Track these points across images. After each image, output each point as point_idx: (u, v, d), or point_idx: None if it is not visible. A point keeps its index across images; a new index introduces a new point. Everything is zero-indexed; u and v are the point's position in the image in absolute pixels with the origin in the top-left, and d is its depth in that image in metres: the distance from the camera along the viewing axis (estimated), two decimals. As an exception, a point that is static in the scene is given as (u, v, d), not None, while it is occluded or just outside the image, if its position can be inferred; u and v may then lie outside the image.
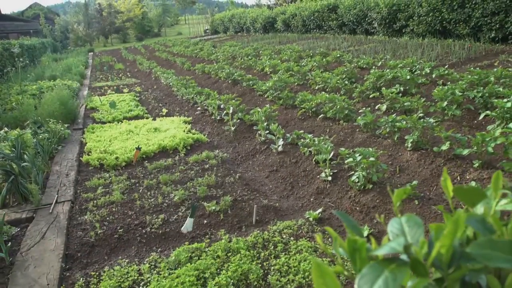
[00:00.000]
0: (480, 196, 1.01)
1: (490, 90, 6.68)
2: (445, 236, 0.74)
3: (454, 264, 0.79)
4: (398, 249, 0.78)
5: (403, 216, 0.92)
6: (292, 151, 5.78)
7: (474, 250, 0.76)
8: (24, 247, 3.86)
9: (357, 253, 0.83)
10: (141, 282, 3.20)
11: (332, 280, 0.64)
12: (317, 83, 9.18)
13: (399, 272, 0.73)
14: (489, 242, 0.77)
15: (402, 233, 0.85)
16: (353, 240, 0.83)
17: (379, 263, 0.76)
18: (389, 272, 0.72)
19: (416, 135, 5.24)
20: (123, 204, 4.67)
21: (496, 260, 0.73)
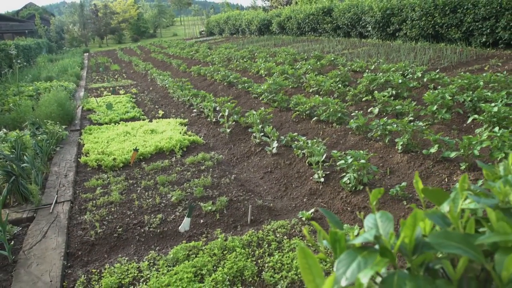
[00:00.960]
0: (444, 196, 1.17)
1: (479, 94, 6.88)
2: (406, 228, 0.90)
3: (418, 252, 0.95)
4: (370, 239, 0.94)
5: (378, 212, 1.08)
6: (286, 153, 5.94)
7: (432, 240, 0.92)
8: (26, 246, 3.99)
9: (337, 243, 0.98)
10: (141, 279, 3.34)
11: (313, 261, 0.79)
12: (311, 86, 9.35)
13: (369, 257, 0.88)
14: (444, 233, 0.92)
15: (375, 227, 1.01)
16: (334, 232, 0.99)
17: (354, 250, 0.91)
18: (361, 257, 0.88)
19: (406, 138, 5.42)
20: (122, 204, 4.81)
21: (449, 247, 0.89)
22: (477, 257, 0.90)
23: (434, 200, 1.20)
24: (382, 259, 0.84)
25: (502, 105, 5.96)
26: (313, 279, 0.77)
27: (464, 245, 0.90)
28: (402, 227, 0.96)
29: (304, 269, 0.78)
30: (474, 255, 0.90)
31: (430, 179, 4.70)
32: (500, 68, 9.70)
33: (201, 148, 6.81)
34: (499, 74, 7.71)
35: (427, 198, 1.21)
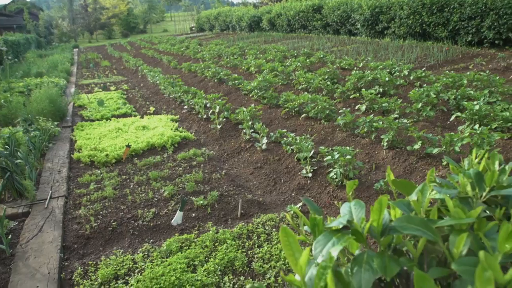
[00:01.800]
0: (411, 188, 1.34)
1: (462, 93, 7.10)
2: (373, 213, 1.06)
3: (385, 234, 1.11)
4: (344, 223, 1.10)
5: (353, 201, 1.24)
6: (276, 149, 6.10)
7: (396, 223, 1.08)
8: (23, 240, 4.11)
9: (316, 227, 1.14)
10: (136, 269, 3.49)
11: (293, 238, 0.94)
12: (301, 83, 9.51)
13: (342, 238, 1.04)
14: (406, 217, 1.09)
15: (349, 213, 1.17)
16: (314, 218, 1.15)
17: (330, 232, 1.07)
18: (335, 238, 1.04)
19: (392, 134, 5.61)
20: (115, 199, 4.93)
21: (410, 229, 1.05)
22: (433, 237, 1.06)
23: (403, 191, 1.37)
24: (350, 237, 1.00)
25: (483, 104, 6.18)
26: (293, 253, 0.92)
27: (423, 227, 1.07)
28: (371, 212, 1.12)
29: (285, 246, 0.93)
30: (431, 236, 1.06)
31: (414, 174, 4.89)
32: (484, 66, 9.94)
33: (192, 144, 6.95)
34: (482, 73, 7.93)
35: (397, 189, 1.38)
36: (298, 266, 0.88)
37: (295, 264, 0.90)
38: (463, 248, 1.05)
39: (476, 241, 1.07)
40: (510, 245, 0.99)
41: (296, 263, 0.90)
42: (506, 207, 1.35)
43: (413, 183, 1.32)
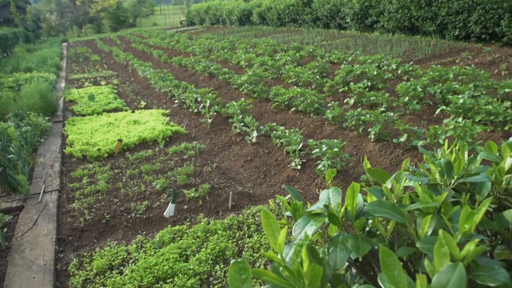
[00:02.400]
0: (386, 176, 1.46)
1: (448, 87, 7.26)
2: (348, 198, 1.18)
3: (359, 217, 1.23)
4: (321, 207, 1.22)
5: (331, 188, 1.36)
6: (265, 142, 6.22)
7: (369, 207, 1.20)
8: (18, 233, 4.19)
9: (297, 212, 1.26)
10: (130, 260, 3.60)
11: (273, 220, 1.06)
12: (290, 77, 9.62)
13: (320, 222, 1.16)
14: (378, 202, 1.21)
15: (327, 199, 1.29)
16: (294, 203, 1.27)
17: (308, 216, 1.19)
18: (313, 221, 1.16)
19: (378, 127, 5.75)
20: (108, 192, 5.02)
21: (380, 212, 1.17)
22: (402, 219, 1.18)
23: (378, 179, 1.49)
24: (323, 218, 1.12)
25: (468, 97, 6.33)
26: (273, 233, 1.04)
27: (392, 211, 1.19)
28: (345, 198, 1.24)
29: (266, 226, 1.05)
30: (400, 218, 1.18)
31: (400, 166, 5.04)
32: (471, 61, 10.13)
33: (183, 138, 7.04)
34: (467, 67, 8.10)
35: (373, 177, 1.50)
36: (277, 244, 1.00)
37: (275, 243, 1.02)
38: (428, 229, 1.17)
39: (440, 223, 1.20)
40: (469, 226, 1.11)
41: (275, 242, 1.01)
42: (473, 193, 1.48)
43: (386, 173, 1.44)
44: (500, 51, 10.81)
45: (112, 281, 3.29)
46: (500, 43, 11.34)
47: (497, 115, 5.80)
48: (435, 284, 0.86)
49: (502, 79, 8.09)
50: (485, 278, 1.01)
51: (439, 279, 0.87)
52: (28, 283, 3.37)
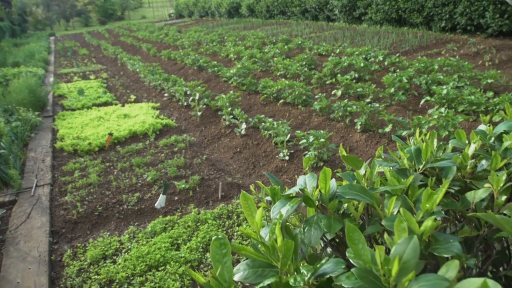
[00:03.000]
0: (359, 162, 1.58)
1: (433, 78, 7.42)
2: (321, 182, 1.30)
3: (332, 199, 1.35)
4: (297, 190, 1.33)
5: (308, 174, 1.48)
6: (254, 134, 6.34)
7: (340, 190, 1.32)
8: (12, 226, 4.27)
9: (275, 195, 1.38)
10: (123, 250, 3.71)
11: (251, 201, 1.17)
12: (279, 70, 9.73)
13: (295, 203, 1.28)
14: (349, 185, 1.33)
15: (304, 183, 1.41)
16: (273, 188, 1.39)
17: (285, 198, 1.31)
18: (289, 203, 1.27)
19: (364, 118, 5.89)
20: (100, 185, 5.11)
21: (351, 195, 1.29)
22: (370, 200, 1.31)
23: (352, 165, 1.61)
24: (298, 200, 1.24)
25: (451, 88, 6.49)
26: (251, 213, 1.15)
27: (361, 193, 1.31)
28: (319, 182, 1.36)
29: (245, 207, 1.16)
30: (368, 199, 1.31)
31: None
32: (456, 52, 10.29)
33: (173, 131, 7.12)
34: (452, 58, 8.25)
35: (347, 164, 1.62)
36: (254, 223, 1.11)
37: (253, 222, 1.13)
38: (394, 209, 1.29)
39: (405, 203, 1.32)
40: (430, 205, 1.24)
41: (253, 221, 1.13)
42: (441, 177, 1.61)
43: (360, 159, 1.56)
44: (484, 42, 10.99)
45: (106, 270, 3.40)
46: (485, 35, 11.52)
47: (479, 105, 5.97)
48: (393, 254, 0.98)
49: (486, 70, 8.26)
50: (442, 251, 1.13)
51: (397, 250, 0.99)
52: (24, 274, 3.46)
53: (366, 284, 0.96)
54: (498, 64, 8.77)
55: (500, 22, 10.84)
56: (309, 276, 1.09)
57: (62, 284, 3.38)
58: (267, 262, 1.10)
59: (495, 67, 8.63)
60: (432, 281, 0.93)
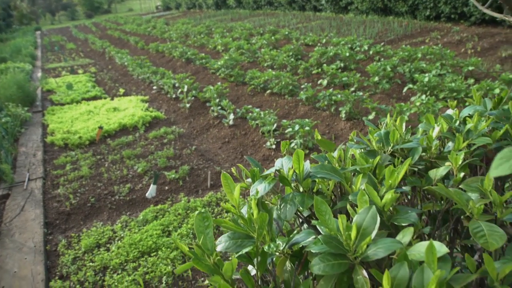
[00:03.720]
0: (332, 145, 1.72)
1: (416, 66, 7.59)
2: (294, 162, 1.43)
3: (306, 178, 1.49)
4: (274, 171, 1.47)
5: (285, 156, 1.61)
6: (242, 124, 6.47)
7: (312, 170, 1.46)
8: (7, 219, 4.37)
9: (255, 176, 1.51)
10: (116, 238, 3.83)
11: (230, 180, 1.31)
12: (266, 61, 9.84)
13: (272, 181, 1.41)
14: (321, 166, 1.47)
15: (281, 165, 1.54)
16: (253, 169, 1.52)
17: (263, 178, 1.44)
18: (266, 182, 1.41)
19: (349, 107, 6.04)
20: (92, 177, 5.22)
21: (321, 174, 1.43)
22: (339, 178, 1.45)
23: (326, 148, 1.75)
24: (274, 179, 1.38)
25: (433, 76, 6.67)
26: (231, 191, 1.29)
27: (331, 172, 1.45)
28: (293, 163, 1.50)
29: (225, 185, 1.30)
30: (338, 177, 1.45)
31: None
32: (440, 40, 10.48)
33: (162, 123, 7.22)
34: (435, 46, 8.43)
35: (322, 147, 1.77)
36: (233, 199, 1.25)
37: (232, 198, 1.27)
38: (361, 186, 1.44)
39: (371, 180, 1.47)
40: (392, 181, 1.38)
41: (232, 197, 1.27)
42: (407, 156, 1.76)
43: (333, 143, 1.71)
44: (468, 30, 11.19)
45: (100, 257, 3.53)
46: (468, 23, 11.72)
47: (460, 92, 6.15)
48: (354, 222, 1.13)
49: (468, 58, 8.45)
50: (400, 220, 1.28)
51: (357, 218, 1.13)
52: (20, 264, 3.58)
53: (330, 249, 1.10)
54: (480, 52, 8.97)
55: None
56: (283, 246, 1.24)
57: (58, 272, 3.50)
58: (245, 234, 1.24)
59: (477, 54, 8.83)
60: (388, 244, 1.08)
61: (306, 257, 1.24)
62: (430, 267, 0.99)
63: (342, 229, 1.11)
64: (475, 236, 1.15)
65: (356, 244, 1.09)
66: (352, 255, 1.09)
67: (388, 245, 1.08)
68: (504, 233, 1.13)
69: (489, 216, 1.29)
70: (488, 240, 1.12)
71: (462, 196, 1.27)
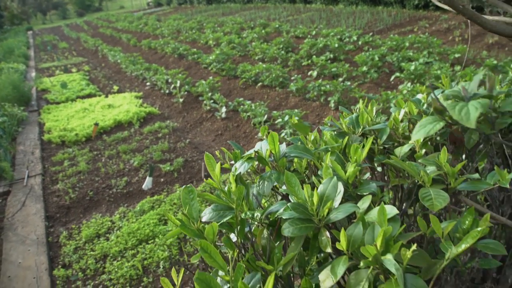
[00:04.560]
0: (307, 129, 1.90)
1: (403, 55, 7.76)
2: (270, 143, 1.61)
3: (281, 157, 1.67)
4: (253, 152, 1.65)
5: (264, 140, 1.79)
6: (234, 117, 6.64)
7: (287, 150, 1.64)
8: (9, 214, 4.54)
9: (237, 158, 1.69)
10: (114, 228, 4.01)
11: (212, 159, 1.49)
12: (257, 54, 9.99)
13: (250, 161, 1.59)
14: (294, 146, 1.64)
15: (260, 147, 1.72)
16: (235, 152, 1.70)
17: (244, 159, 1.62)
18: (246, 161, 1.59)
19: (337, 96, 6.22)
20: (90, 172, 5.39)
21: (295, 153, 1.61)
22: (311, 157, 1.63)
23: (301, 131, 1.93)
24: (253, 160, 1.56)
25: (419, 64, 6.85)
26: (213, 168, 1.47)
27: (304, 152, 1.63)
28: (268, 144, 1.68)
29: (208, 164, 1.48)
30: (309, 156, 1.63)
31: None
32: (428, 29, 10.65)
33: (157, 118, 7.38)
34: (422, 35, 8.62)
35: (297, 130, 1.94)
36: (215, 175, 1.43)
37: (214, 174, 1.44)
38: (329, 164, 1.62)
39: (339, 157, 1.65)
40: (356, 157, 1.56)
41: (214, 174, 1.44)
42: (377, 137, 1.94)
43: (307, 126, 1.89)
44: (456, 18, 11.36)
45: (100, 246, 3.71)
46: (455, 10, 11.88)
47: (444, 79, 6.33)
48: (319, 190, 1.31)
49: (456, 45, 8.63)
50: (362, 190, 1.46)
51: (321, 187, 1.31)
52: (24, 255, 3.76)
53: (298, 214, 1.28)
54: (467, 39, 9.15)
55: (469, -3, 11.18)
56: (260, 215, 1.42)
57: (60, 261, 3.68)
58: (227, 205, 1.42)
59: (465, 42, 9.01)
60: (346, 208, 1.26)
61: (279, 224, 1.42)
62: (380, 225, 1.17)
63: (307, 197, 1.29)
64: (423, 200, 1.33)
65: (319, 210, 1.27)
66: (317, 219, 1.27)
67: (346, 209, 1.26)
68: (448, 196, 1.31)
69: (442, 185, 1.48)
70: (434, 202, 1.30)
71: (414, 167, 1.45)
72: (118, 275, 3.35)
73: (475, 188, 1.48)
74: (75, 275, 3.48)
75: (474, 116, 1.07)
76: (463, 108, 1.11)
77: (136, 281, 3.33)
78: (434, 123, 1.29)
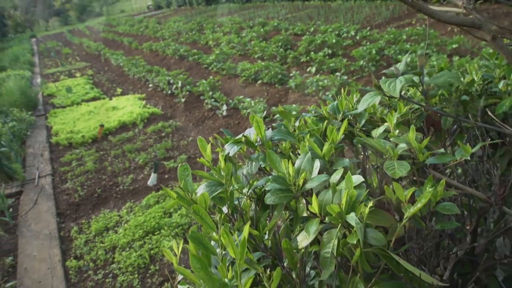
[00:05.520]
0: (291, 115, 2.09)
1: (401, 47, 7.93)
2: (256, 129, 1.81)
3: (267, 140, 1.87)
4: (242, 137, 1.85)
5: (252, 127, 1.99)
6: (235, 114, 6.84)
7: (272, 134, 1.83)
8: (22, 212, 4.77)
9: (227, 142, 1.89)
10: (122, 221, 4.23)
11: (205, 143, 1.69)
12: (256, 52, 10.19)
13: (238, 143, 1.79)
14: (278, 130, 1.84)
15: (249, 132, 1.92)
16: (227, 138, 1.90)
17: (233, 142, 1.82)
18: (235, 144, 1.79)
19: (334, 91, 6.40)
20: (97, 171, 5.61)
21: (278, 136, 1.81)
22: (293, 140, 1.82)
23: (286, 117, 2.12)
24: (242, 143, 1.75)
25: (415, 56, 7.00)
26: (205, 150, 1.67)
27: (286, 135, 1.83)
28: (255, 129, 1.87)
29: (201, 146, 1.68)
30: (292, 139, 1.82)
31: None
32: (427, 20, 10.77)
33: (160, 118, 7.60)
34: (419, 27, 8.76)
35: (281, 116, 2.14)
36: (206, 155, 1.63)
37: (205, 154, 1.64)
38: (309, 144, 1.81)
39: (318, 139, 1.84)
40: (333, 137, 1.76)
41: (205, 153, 1.64)
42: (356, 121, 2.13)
43: (291, 114, 2.08)
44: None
45: (110, 239, 3.93)
46: (452, 1, 11.99)
47: (439, 69, 6.49)
48: (295, 164, 1.50)
49: (455, 36, 8.77)
50: (337, 165, 1.65)
51: (297, 162, 1.51)
52: (39, 248, 3.98)
53: (278, 185, 1.48)
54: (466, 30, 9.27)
55: (464, -11, 11.30)
56: (247, 190, 1.62)
57: (72, 254, 3.90)
58: (218, 181, 1.62)
59: (463, 32, 9.13)
60: (320, 178, 1.46)
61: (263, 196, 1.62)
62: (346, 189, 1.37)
63: (285, 169, 1.48)
64: (387, 170, 1.52)
65: (296, 181, 1.47)
66: (295, 188, 1.46)
67: (319, 178, 1.45)
68: (409, 166, 1.50)
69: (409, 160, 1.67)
70: (396, 171, 1.49)
71: (381, 144, 1.64)
72: (126, 264, 3.57)
73: (440, 161, 1.66)
74: (87, 265, 3.70)
75: (398, 87, 1.30)
76: (392, 83, 1.34)
77: (144, 269, 3.55)
78: (374, 97, 1.49)
